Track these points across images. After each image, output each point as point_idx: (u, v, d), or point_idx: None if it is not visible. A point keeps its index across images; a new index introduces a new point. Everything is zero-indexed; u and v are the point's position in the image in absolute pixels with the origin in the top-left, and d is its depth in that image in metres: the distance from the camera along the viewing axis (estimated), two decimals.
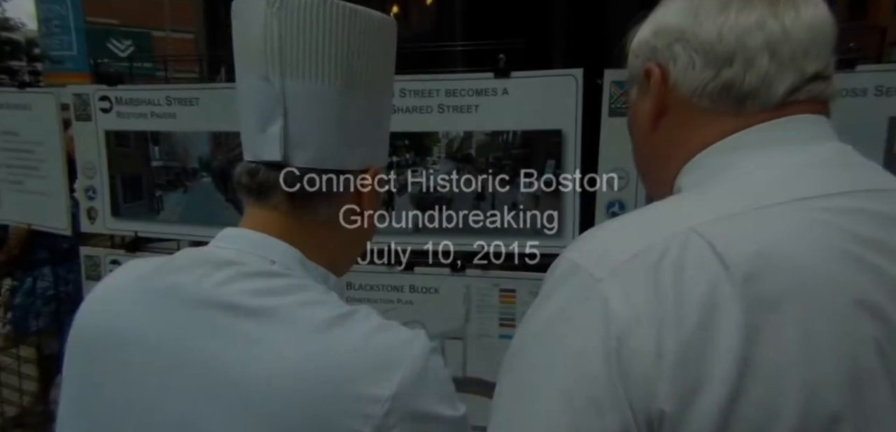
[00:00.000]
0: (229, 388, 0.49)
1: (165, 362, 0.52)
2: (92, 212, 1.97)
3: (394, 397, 0.49)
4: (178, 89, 1.82)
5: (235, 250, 0.57)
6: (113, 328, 0.55)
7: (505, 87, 1.54)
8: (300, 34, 0.56)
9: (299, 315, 0.52)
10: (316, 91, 0.57)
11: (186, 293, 0.54)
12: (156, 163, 1.89)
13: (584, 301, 0.44)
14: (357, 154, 0.61)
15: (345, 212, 0.61)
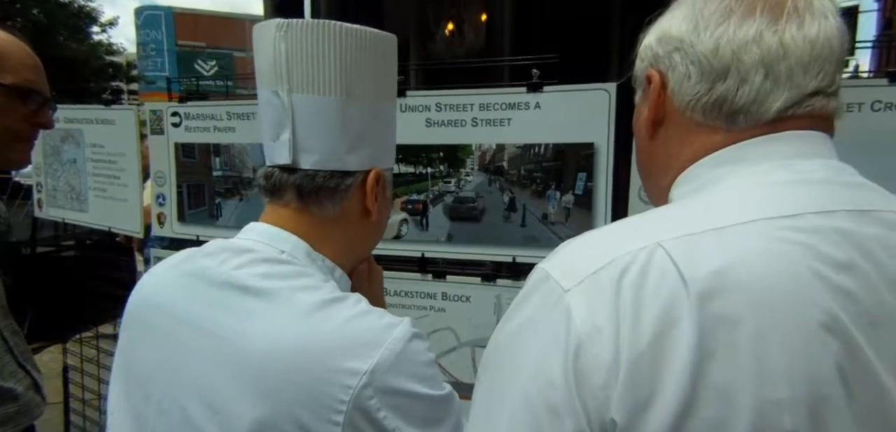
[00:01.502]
0: (234, 355, 0.57)
1: (190, 331, 0.61)
2: (161, 217, 2.18)
3: (371, 372, 0.54)
4: (237, 105, 1.99)
5: (253, 240, 0.66)
6: (152, 301, 0.66)
7: (537, 102, 1.56)
8: (304, 54, 0.63)
9: (296, 297, 0.59)
10: (319, 103, 0.64)
11: (210, 274, 0.63)
12: (216, 173, 2.06)
13: (551, 310, 0.46)
14: (359, 156, 0.67)
15: (350, 208, 0.68)
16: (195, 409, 0.58)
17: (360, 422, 0.54)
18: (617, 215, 1.50)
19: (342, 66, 0.64)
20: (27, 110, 0.98)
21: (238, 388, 0.56)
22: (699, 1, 0.55)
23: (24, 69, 0.97)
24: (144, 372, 0.64)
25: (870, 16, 9.39)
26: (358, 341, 0.56)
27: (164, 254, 2.19)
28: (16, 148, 0.99)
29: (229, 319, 0.59)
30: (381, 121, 0.70)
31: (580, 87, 1.51)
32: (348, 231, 0.69)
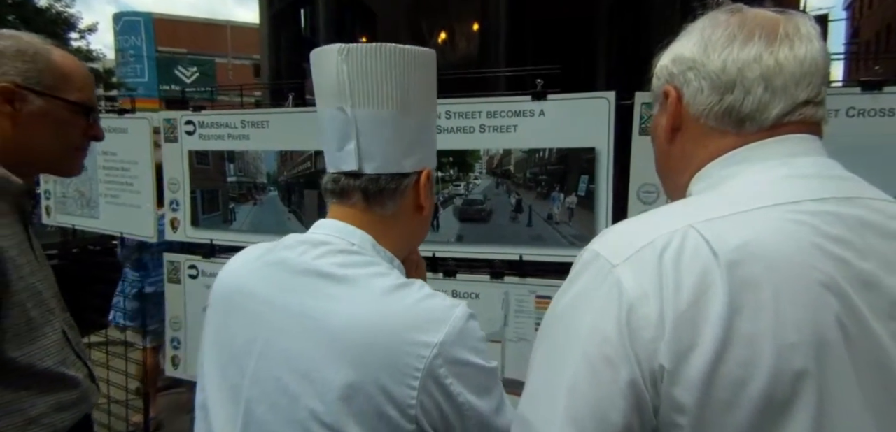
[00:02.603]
0: (321, 331, 0.66)
1: (278, 312, 0.70)
2: (175, 222, 2.24)
3: (440, 344, 0.64)
4: (251, 113, 2.07)
5: (326, 234, 0.75)
6: (240, 287, 0.75)
7: (542, 109, 1.68)
8: (363, 74, 0.73)
9: (371, 281, 0.69)
10: (378, 116, 0.73)
11: (292, 264, 0.72)
12: (230, 179, 2.14)
13: (603, 281, 0.55)
14: (413, 160, 0.76)
15: (406, 205, 0.77)
16: (289, 378, 0.67)
17: (431, 387, 0.64)
18: (617, 214, 1.63)
19: (397, 83, 0.73)
20: (86, 124, 1.06)
21: (327, 359, 0.65)
22: (707, 29, 0.67)
23: (87, 87, 1.05)
24: (237, 348, 0.73)
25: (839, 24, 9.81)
26: (428, 318, 0.66)
27: (178, 258, 2.25)
28: (75, 157, 1.07)
29: (314, 301, 0.69)
30: (428, 127, 0.79)
31: (582, 96, 1.63)
32: (404, 225, 0.79)
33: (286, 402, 0.67)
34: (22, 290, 0.95)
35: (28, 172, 1.02)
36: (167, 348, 2.31)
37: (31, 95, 0.98)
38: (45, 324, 0.99)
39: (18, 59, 0.97)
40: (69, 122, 1.02)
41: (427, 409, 0.64)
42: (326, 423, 0.65)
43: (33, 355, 0.96)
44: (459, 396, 0.66)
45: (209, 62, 25.93)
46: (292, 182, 2.04)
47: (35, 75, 0.98)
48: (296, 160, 2.02)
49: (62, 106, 1.01)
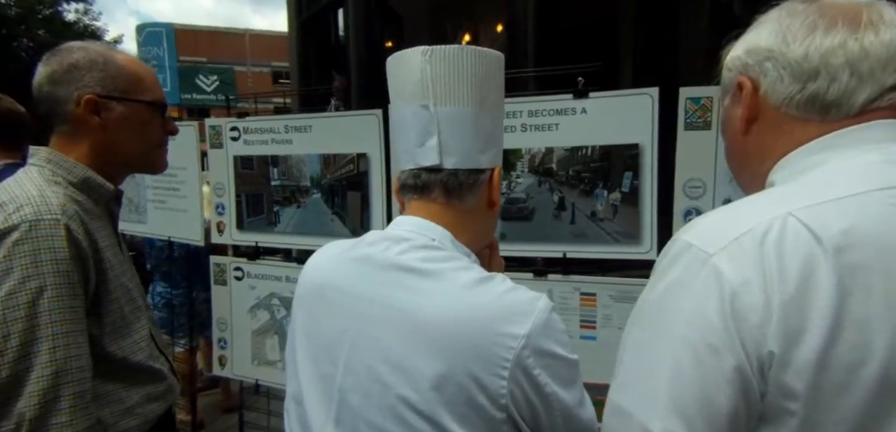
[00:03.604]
0: (410, 322, 0.69)
1: (366, 305, 0.73)
2: (220, 226, 2.31)
3: (527, 336, 0.66)
4: (295, 118, 2.12)
5: (407, 231, 0.78)
6: (328, 282, 0.79)
7: (584, 107, 1.70)
8: (445, 74, 0.76)
9: (456, 275, 0.71)
10: (458, 113, 0.76)
11: (377, 259, 0.75)
12: (274, 183, 2.20)
13: (699, 271, 0.56)
14: (488, 156, 0.79)
15: (480, 201, 0.80)
16: (381, 367, 0.70)
17: (520, 377, 0.66)
18: (663, 209, 1.64)
19: (474, 82, 0.76)
20: (162, 121, 1.11)
21: (418, 349, 0.68)
22: (784, 19, 0.68)
23: (156, 85, 1.10)
24: (329, 340, 0.76)
25: None
26: (514, 310, 0.68)
27: (224, 260, 2.32)
28: (159, 154, 1.13)
29: (401, 294, 0.71)
30: (499, 125, 0.82)
31: (625, 93, 1.65)
32: (479, 220, 0.82)
33: (379, 390, 0.70)
34: (117, 288, 1.00)
35: (116, 175, 1.08)
36: (214, 348, 2.38)
37: (112, 102, 1.02)
38: (135, 321, 1.05)
39: (93, 69, 1.01)
40: (149, 122, 1.07)
41: (517, 399, 0.66)
42: (419, 410, 0.67)
43: (127, 349, 1.02)
44: (546, 387, 0.67)
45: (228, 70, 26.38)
46: (335, 184, 2.09)
47: (111, 82, 1.02)
48: (339, 163, 2.07)
49: (140, 107, 1.06)
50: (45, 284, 0.87)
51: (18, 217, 0.89)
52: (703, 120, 1.56)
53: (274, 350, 2.26)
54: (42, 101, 1.02)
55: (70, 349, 0.89)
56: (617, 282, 1.74)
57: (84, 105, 1.00)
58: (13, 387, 0.85)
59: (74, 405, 0.89)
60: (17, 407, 0.85)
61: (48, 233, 0.89)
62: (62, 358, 0.88)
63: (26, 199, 0.91)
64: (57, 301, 0.88)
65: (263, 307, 2.26)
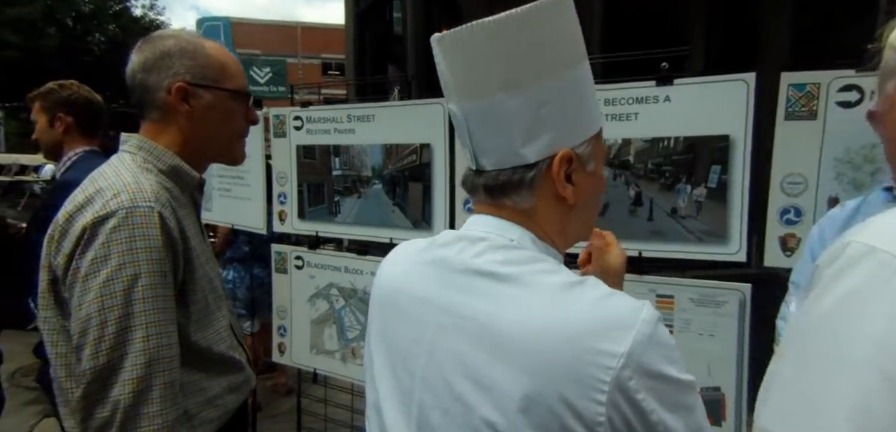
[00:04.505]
0: (490, 334, 0.61)
1: (440, 313, 0.66)
2: (282, 215, 2.33)
3: (628, 353, 0.55)
4: (357, 108, 2.09)
5: (483, 230, 0.70)
6: (400, 286, 0.73)
7: (667, 95, 1.57)
8: (458, 64, 0.65)
9: (540, 280, 0.62)
10: (481, 107, 0.65)
11: (451, 262, 0.68)
12: (336, 173, 2.18)
13: (889, 280, 0.46)
14: (536, 146, 0.64)
15: (544, 197, 0.67)
16: (461, 384, 0.62)
17: (621, 402, 0.56)
18: (756, 207, 1.50)
19: (496, 65, 0.62)
20: (245, 110, 1.09)
21: (500, 365, 0.59)
22: None
23: (240, 74, 1.08)
24: (404, 349, 0.70)
25: None
26: (611, 322, 0.57)
27: (285, 249, 2.33)
28: (239, 144, 1.11)
29: (479, 302, 0.63)
30: (556, 98, 0.64)
31: (715, 79, 1.51)
32: (551, 219, 0.69)
33: (460, 410, 0.63)
34: (202, 277, 1.00)
35: (200, 164, 1.07)
36: (274, 335, 2.41)
37: (200, 90, 1.01)
38: (217, 310, 1.04)
39: (184, 57, 1.00)
40: (233, 111, 1.06)
41: (616, 427, 0.56)
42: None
43: (210, 338, 1.01)
44: (653, 414, 0.57)
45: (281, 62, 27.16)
46: (397, 175, 2.05)
47: (199, 70, 1.01)
48: (401, 153, 2.03)
49: (225, 95, 1.04)
50: (140, 272, 0.87)
51: (116, 204, 0.88)
52: (806, 109, 1.40)
53: (332, 339, 2.26)
54: (135, 88, 1.02)
55: (162, 338, 0.89)
56: (698, 285, 1.61)
57: (174, 92, 0.99)
58: (108, 375, 0.85)
59: (165, 395, 0.88)
60: (111, 394, 0.85)
61: (143, 220, 0.88)
62: (155, 347, 0.87)
63: (122, 186, 0.91)
64: (151, 289, 0.87)
65: (322, 296, 2.26)
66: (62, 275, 0.89)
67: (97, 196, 0.90)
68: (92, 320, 0.85)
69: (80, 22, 17.83)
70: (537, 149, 0.65)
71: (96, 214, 0.87)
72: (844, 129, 1.36)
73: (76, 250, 0.87)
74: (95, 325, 0.85)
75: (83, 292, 0.86)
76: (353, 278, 2.16)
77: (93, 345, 0.85)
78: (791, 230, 1.43)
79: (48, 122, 1.67)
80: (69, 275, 0.87)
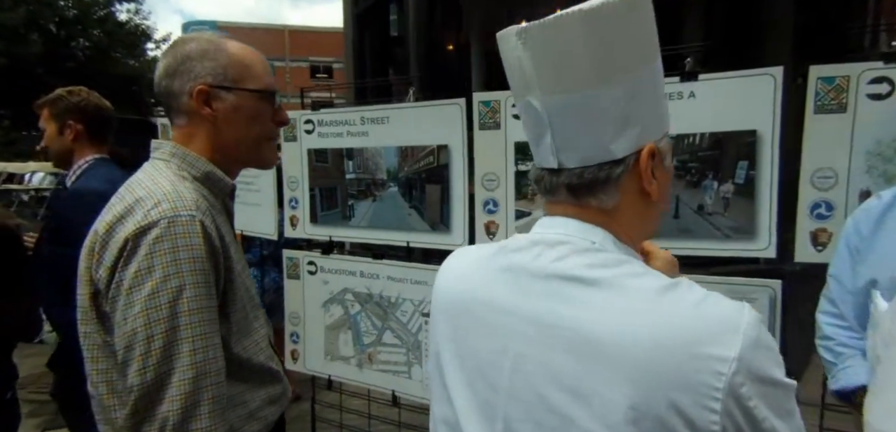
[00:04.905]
0: (582, 342, 0.58)
1: (525, 322, 0.63)
2: (294, 219, 2.28)
3: (739, 358, 0.53)
4: (371, 110, 2.06)
5: (562, 233, 0.66)
6: (473, 297, 0.69)
7: (692, 90, 1.56)
8: (547, 56, 0.61)
9: (633, 283, 0.59)
10: (572, 101, 0.62)
11: (530, 268, 0.65)
12: (349, 176, 2.14)
13: None
14: (625, 140, 0.62)
15: (629, 193, 0.65)
16: (555, 395, 0.60)
17: (734, 410, 0.53)
18: (786, 202, 1.49)
19: (590, 54, 0.59)
20: (273, 110, 1.05)
21: (600, 375, 0.57)
22: None
23: (266, 72, 1.04)
24: (483, 361, 0.66)
25: None
26: (717, 326, 0.55)
27: (297, 254, 2.29)
28: (268, 147, 1.07)
29: (567, 308, 0.60)
30: (644, 90, 0.63)
31: (743, 74, 1.50)
32: (633, 216, 0.67)
33: (557, 423, 0.60)
34: (241, 286, 0.97)
35: (231, 170, 1.03)
36: (286, 342, 2.36)
37: (223, 92, 0.98)
38: (254, 320, 1.01)
39: (205, 58, 0.97)
40: (258, 112, 1.02)
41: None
42: None
43: (250, 349, 0.98)
44: (765, 422, 0.55)
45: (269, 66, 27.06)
46: (413, 177, 2.02)
47: (221, 71, 0.98)
48: (417, 155, 1.99)
49: (250, 96, 1.00)
50: (184, 283, 0.83)
51: (157, 213, 0.85)
52: (837, 102, 1.40)
53: (347, 345, 2.22)
54: (161, 95, 0.99)
55: (208, 351, 0.85)
56: (727, 282, 1.60)
57: (196, 96, 0.96)
58: (156, 390, 0.82)
59: (213, 409, 0.85)
60: (159, 410, 0.82)
61: (185, 229, 0.85)
62: (202, 361, 0.84)
63: (162, 195, 0.87)
64: (195, 301, 0.84)
65: (337, 302, 2.22)
66: (104, 288, 0.85)
67: (137, 206, 0.86)
68: (138, 335, 0.81)
69: (63, 27, 17.53)
70: (626, 144, 0.63)
71: (138, 225, 0.84)
72: (875, 122, 1.36)
73: (118, 262, 0.83)
74: (141, 340, 0.81)
75: (127, 306, 0.82)
76: (369, 283, 2.12)
77: (139, 361, 0.81)
78: (822, 225, 1.43)
79: (58, 130, 1.61)
80: (112, 289, 0.84)
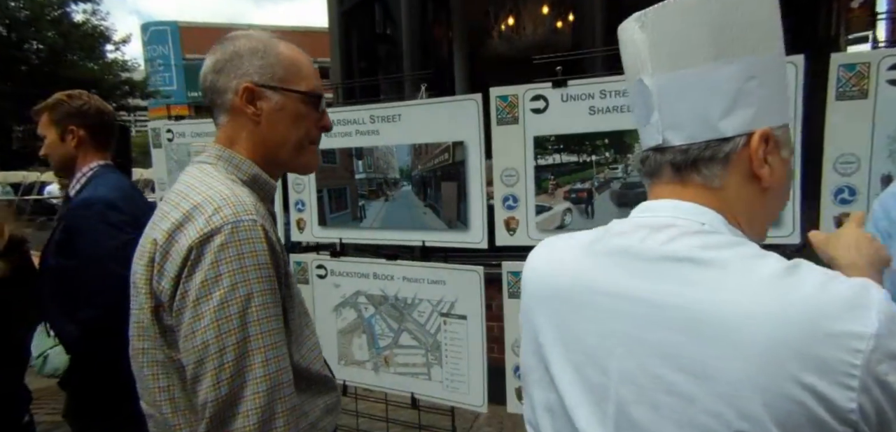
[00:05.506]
0: (701, 322, 0.57)
1: (637, 304, 0.62)
2: (301, 223, 2.22)
3: (876, 335, 0.53)
4: (382, 107, 2.01)
5: (670, 216, 0.65)
6: (576, 282, 0.68)
7: None
8: (665, 35, 0.64)
9: (750, 264, 0.58)
10: (683, 78, 0.63)
11: (638, 250, 0.64)
12: (359, 176, 2.09)
13: None
14: (736, 119, 0.63)
15: (737, 177, 0.65)
16: (675, 376, 0.59)
17: (872, 388, 0.53)
18: (808, 190, 1.52)
19: (711, 26, 0.62)
20: (317, 115, 1.01)
21: (725, 356, 0.56)
22: None
23: (313, 75, 0.99)
24: (591, 345, 0.66)
25: None
26: (848, 304, 0.55)
27: (305, 258, 2.22)
28: (310, 152, 1.02)
29: (683, 289, 0.59)
30: (764, 73, 0.63)
31: None
32: (743, 202, 0.66)
33: (675, 403, 0.59)
34: (296, 292, 0.92)
35: (273, 173, 0.98)
36: None
37: (268, 91, 0.93)
38: (306, 327, 0.97)
39: (254, 56, 0.93)
40: (303, 114, 0.97)
41: (867, 414, 0.54)
42: (741, 430, 0.56)
43: (307, 357, 0.93)
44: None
45: None
46: (428, 175, 1.98)
47: (269, 70, 0.93)
48: (431, 152, 1.96)
49: (295, 98, 0.96)
50: (252, 291, 0.79)
51: (219, 219, 0.80)
52: (858, 88, 1.43)
53: (361, 349, 2.17)
54: (206, 91, 0.94)
55: (280, 361, 0.81)
56: None
57: (241, 93, 0.91)
58: (230, 406, 0.77)
59: (288, 422, 0.81)
60: (234, 426, 0.77)
61: (248, 235, 0.80)
62: (274, 372, 0.80)
63: (222, 200, 0.82)
64: (263, 309, 0.80)
65: (349, 305, 2.17)
66: (168, 300, 0.79)
67: (196, 212, 0.81)
68: (209, 348, 0.77)
69: (14, 29, 16.64)
70: (736, 123, 0.63)
71: (201, 232, 0.79)
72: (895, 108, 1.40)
73: (183, 272, 0.78)
74: (214, 353, 0.76)
75: (195, 318, 0.77)
76: (384, 284, 2.08)
77: (212, 376, 0.77)
78: (846, 209, 1.46)
79: (59, 136, 1.51)
80: (177, 301, 0.78)
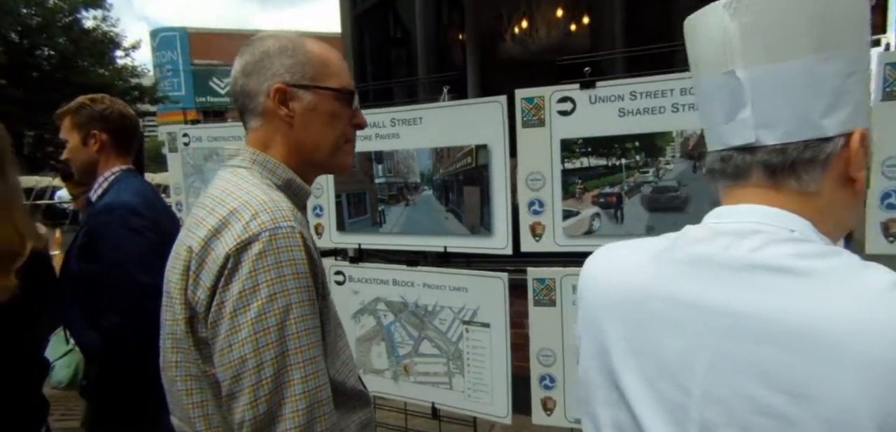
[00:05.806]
0: (802, 337, 0.52)
1: (720, 318, 0.57)
2: (319, 228, 2.18)
3: None
4: (402, 110, 1.97)
5: (755, 222, 0.60)
6: (650, 293, 0.63)
7: None
8: (761, 24, 0.59)
9: (856, 276, 0.54)
10: (783, 70, 0.58)
11: (721, 259, 0.59)
12: (379, 180, 2.05)
13: None
14: (837, 118, 0.59)
15: (830, 179, 0.60)
16: (772, 397, 0.54)
17: None
18: None
19: (812, 17, 0.57)
20: (350, 112, 0.97)
21: (829, 373, 0.51)
22: None
23: (344, 72, 0.96)
24: (668, 360, 0.61)
25: None
26: None
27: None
28: (346, 150, 0.98)
29: (776, 300, 0.55)
30: (861, 70, 0.60)
31: None
32: (833, 206, 0.62)
33: (770, 425, 0.54)
34: (331, 303, 0.88)
35: (307, 176, 0.94)
36: None
37: (300, 91, 0.90)
38: (340, 340, 0.93)
39: (283, 55, 0.90)
40: (336, 113, 0.93)
41: None
42: None
43: (342, 372, 0.89)
44: None
45: None
46: (450, 179, 1.94)
47: (299, 69, 0.90)
48: (454, 156, 1.91)
49: (328, 96, 0.92)
50: (291, 302, 0.75)
51: (257, 225, 0.76)
52: None
53: (380, 357, 2.12)
54: (237, 96, 0.91)
55: (319, 377, 0.77)
56: None
57: (274, 95, 0.88)
58: (268, 425, 0.74)
59: None
60: None
61: (287, 243, 0.76)
62: (313, 388, 0.76)
63: (260, 206, 0.78)
64: (302, 321, 0.76)
65: (368, 312, 2.12)
66: (204, 311, 0.76)
67: (233, 218, 0.77)
68: (247, 363, 0.73)
69: (26, 36, 16.81)
70: (837, 121, 0.58)
71: (238, 239, 0.75)
72: None
73: (219, 282, 0.74)
74: (252, 369, 0.73)
75: (232, 330, 0.73)
76: (404, 291, 2.03)
77: (250, 393, 0.73)
78: (894, 215, 1.40)
79: (81, 141, 1.48)
80: (212, 312, 0.75)
